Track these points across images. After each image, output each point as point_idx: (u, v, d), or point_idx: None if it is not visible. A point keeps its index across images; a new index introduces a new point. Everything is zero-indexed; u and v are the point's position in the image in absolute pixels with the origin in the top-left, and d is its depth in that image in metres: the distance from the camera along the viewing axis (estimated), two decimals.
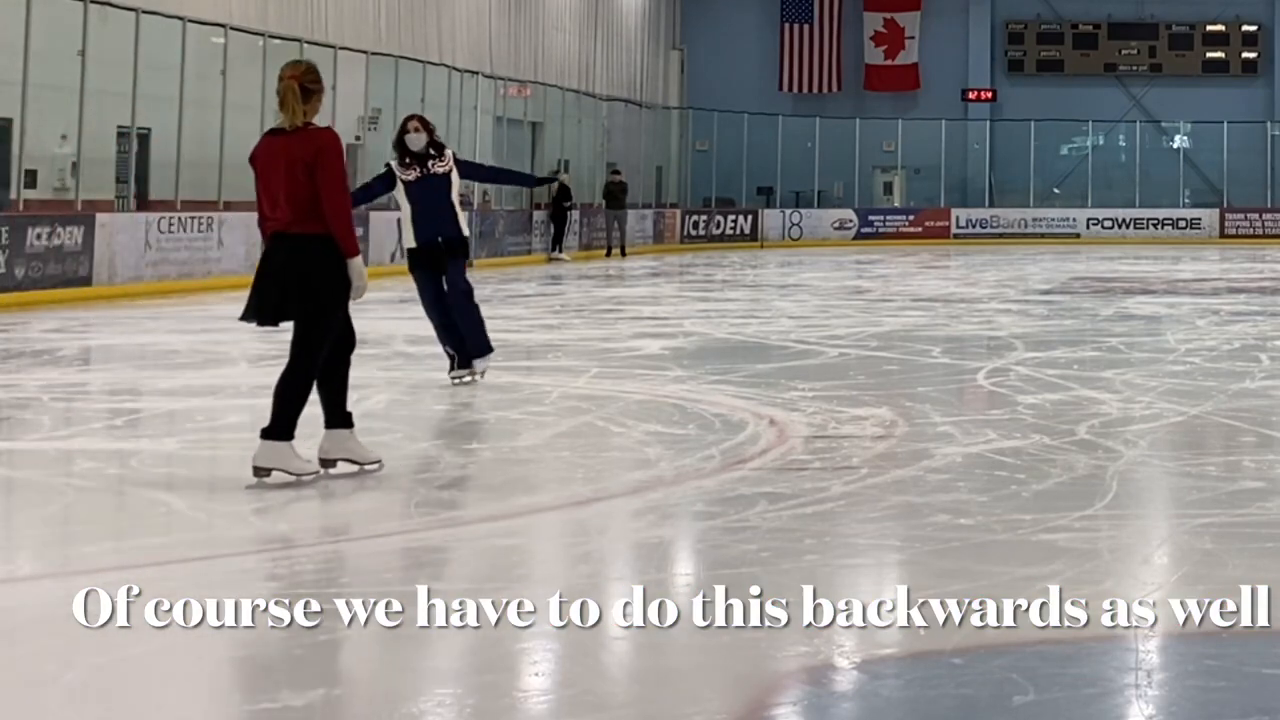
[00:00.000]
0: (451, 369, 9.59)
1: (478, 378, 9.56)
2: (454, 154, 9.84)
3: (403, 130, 9.57)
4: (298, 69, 6.86)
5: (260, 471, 6.27)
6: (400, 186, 9.55)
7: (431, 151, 9.52)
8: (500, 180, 14.35)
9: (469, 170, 10.41)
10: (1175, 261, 28.48)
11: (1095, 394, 9.27)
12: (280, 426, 6.29)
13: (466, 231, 9.84)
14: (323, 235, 6.32)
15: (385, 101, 24.51)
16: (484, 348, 9.67)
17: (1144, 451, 7.35)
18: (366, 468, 6.54)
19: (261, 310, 6.49)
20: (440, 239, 9.54)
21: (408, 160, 9.50)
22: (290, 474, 6.29)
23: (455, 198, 9.63)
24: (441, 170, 9.54)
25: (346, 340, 6.59)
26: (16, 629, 4.36)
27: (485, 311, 9.96)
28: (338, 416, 6.54)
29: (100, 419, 8.47)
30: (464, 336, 9.56)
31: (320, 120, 6.86)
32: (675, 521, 5.89)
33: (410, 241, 9.63)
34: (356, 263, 6.36)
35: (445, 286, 9.61)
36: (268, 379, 9.88)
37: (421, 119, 9.71)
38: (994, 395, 9.38)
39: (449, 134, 26.03)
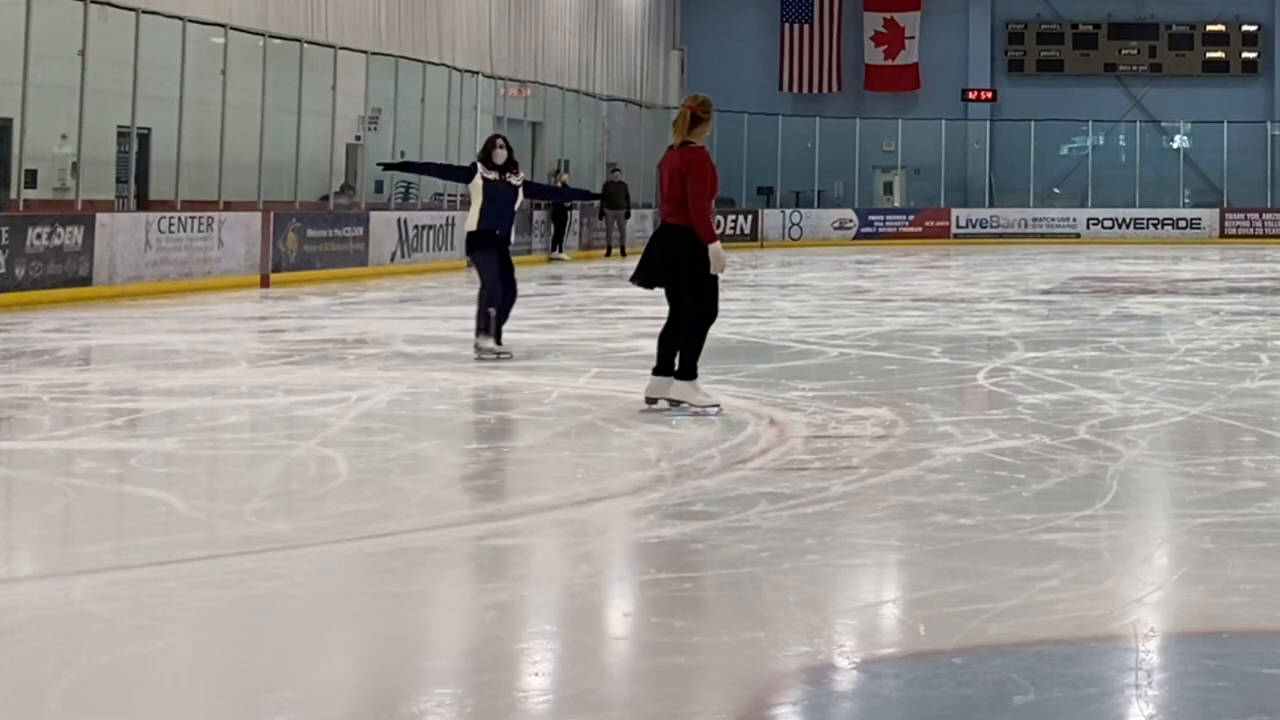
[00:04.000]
0: (482, 334, 11.19)
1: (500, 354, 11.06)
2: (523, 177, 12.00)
3: (490, 145, 11.88)
4: (695, 100, 8.61)
5: (660, 401, 8.28)
6: (480, 182, 11.61)
7: (509, 167, 11.75)
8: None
9: (533, 190, 12.56)
10: (1175, 261, 28.48)
11: (1095, 394, 9.27)
12: (687, 368, 8.31)
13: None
14: (686, 226, 8.25)
15: (385, 101, 24.51)
16: (500, 335, 11.34)
17: (1144, 451, 7.35)
18: (706, 412, 8.20)
19: (640, 277, 8.61)
20: (498, 231, 11.68)
21: (490, 165, 11.65)
22: (694, 406, 8.24)
23: (516, 207, 11.82)
24: (515, 183, 11.81)
25: (710, 312, 8.36)
26: (16, 629, 4.36)
27: None
28: (669, 366, 8.37)
29: (100, 419, 8.47)
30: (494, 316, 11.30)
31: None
32: (675, 521, 5.89)
33: (473, 225, 11.63)
34: (714, 247, 8.26)
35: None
36: (268, 379, 9.92)
37: (505, 138, 12.13)
38: (994, 395, 9.38)
39: (449, 134, 26.06)
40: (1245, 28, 40.48)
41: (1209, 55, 40.64)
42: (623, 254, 29.91)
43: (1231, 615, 4.56)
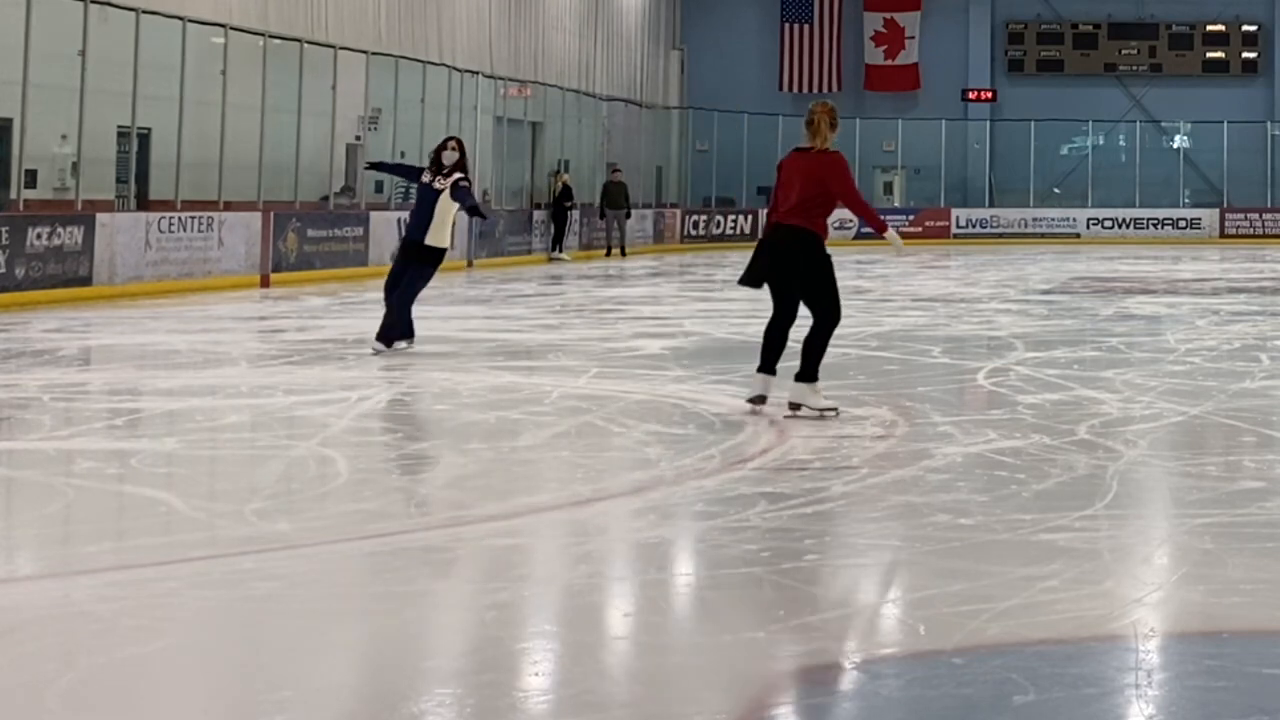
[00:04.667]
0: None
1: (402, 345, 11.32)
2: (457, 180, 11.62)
3: (441, 146, 11.70)
4: (828, 107, 8.44)
5: (793, 406, 8.25)
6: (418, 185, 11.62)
7: (448, 170, 11.51)
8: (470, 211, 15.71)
9: (459, 195, 11.71)
10: (1175, 261, 28.48)
11: (1095, 394, 9.27)
12: (808, 371, 8.25)
13: (442, 242, 11.59)
14: (808, 229, 8.23)
15: (385, 101, 24.50)
16: (388, 338, 11.29)
17: (1144, 451, 7.35)
18: (825, 415, 8.17)
19: (752, 277, 8.51)
20: (411, 240, 11.55)
21: (433, 167, 11.56)
22: (814, 409, 8.17)
23: (440, 210, 11.46)
24: (439, 186, 11.49)
25: (837, 312, 8.35)
26: (16, 629, 4.36)
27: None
28: (773, 365, 8.39)
29: (100, 419, 8.46)
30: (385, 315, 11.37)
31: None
32: (675, 521, 5.88)
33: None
34: (891, 233, 8.64)
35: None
36: (268, 379, 9.92)
37: (460, 141, 11.90)
38: (994, 395, 9.38)
39: (449, 134, 26.03)
40: (1245, 28, 40.47)
41: (1209, 55, 40.63)
42: (623, 254, 29.91)
43: (1231, 615, 4.56)
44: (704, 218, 36.27)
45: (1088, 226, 38.89)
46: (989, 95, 40.53)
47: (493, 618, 4.50)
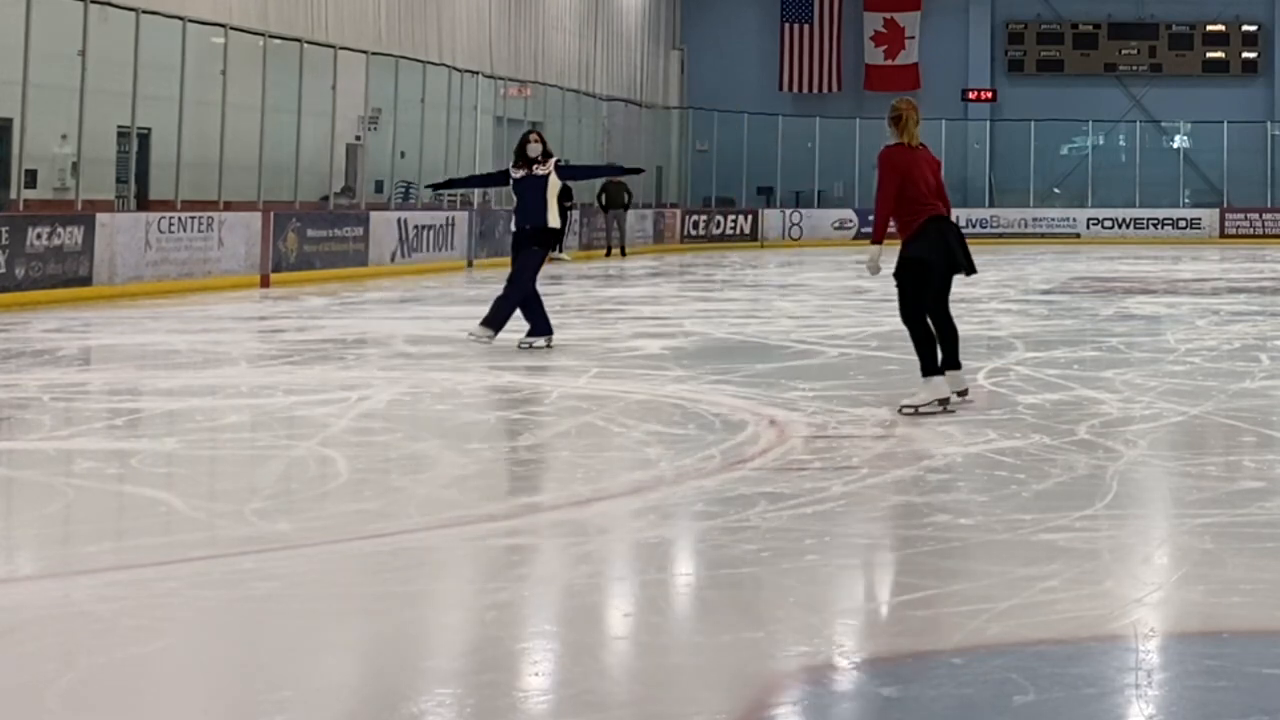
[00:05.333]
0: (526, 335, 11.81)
1: (487, 335, 11.74)
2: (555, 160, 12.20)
3: (523, 141, 12.06)
4: (914, 103, 8.63)
5: (967, 393, 8.60)
6: (510, 184, 12.00)
7: (539, 158, 11.90)
8: (601, 174, 16.32)
9: (567, 172, 12.73)
10: (1175, 261, 28.48)
11: (1095, 394, 9.27)
12: (928, 365, 8.38)
13: (555, 223, 12.08)
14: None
15: (385, 101, 24.51)
16: (494, 324, 11.84)
17: (1144, 451, 7.35)
18: (965, 399, 8.54)
19: (969, 264, 8.67)
20: (528, 226, 11.88)
21: (520, 162, 11.91)
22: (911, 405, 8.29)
23: (550, 195, 11.92)
24: (542, 172, 11.88)
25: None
26: (16, 629, 4.36)
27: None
28: (952, 360, 8.60)
29: (100, 419, 8.46)
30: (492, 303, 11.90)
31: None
32: (675, 521, 5.88)
33: (514, 226, 12.04)
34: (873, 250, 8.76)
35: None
36: (268, 379, 9.92)
37: (539, 133, 12.38)
38: (994, 395, 9.37)
39: (449, 134, 26.06)
40: (1245, 28, 40.49)
41: (1209, 55, 40.64)
42: (623, 254, 29.91)
43: (1231, 615, 4.56)
44: (704, 218, 36.26)
45: (1088, 226, 38.90)
46: (989, 95, 40.55)
47: (493, 618, 4.50)
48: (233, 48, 20.45)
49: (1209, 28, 40.53)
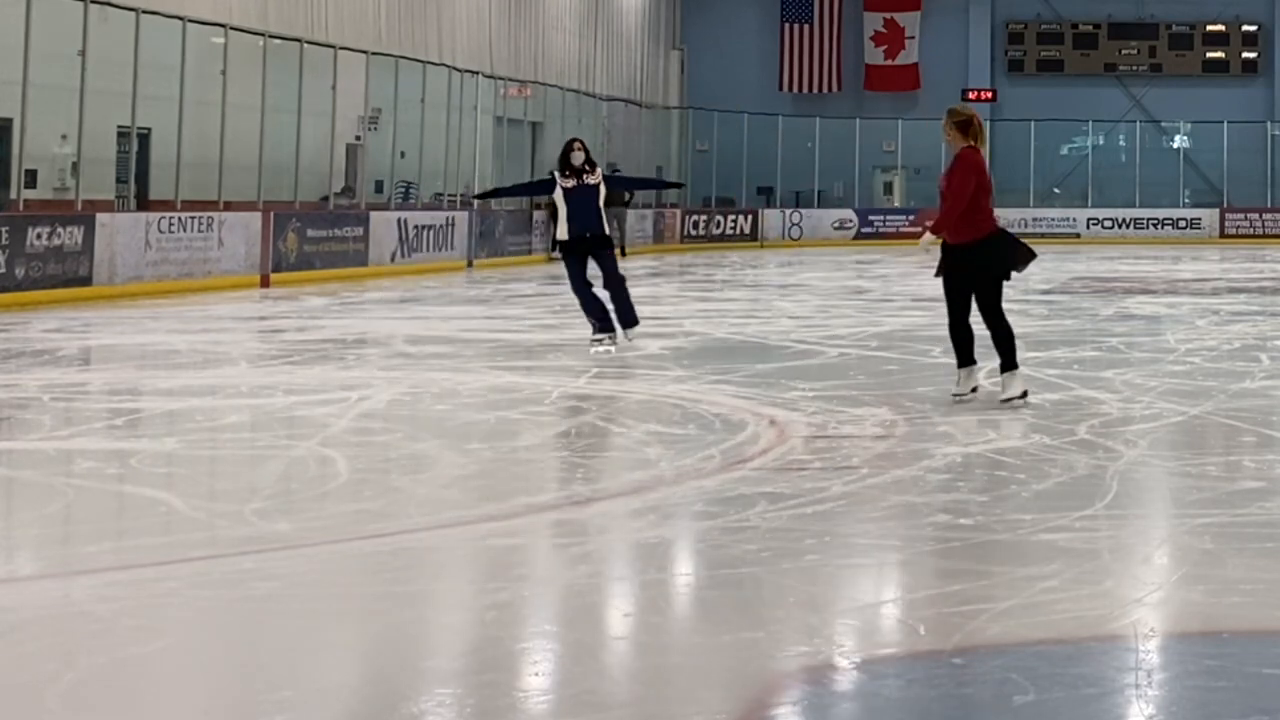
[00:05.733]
0: (593, 334, 11.88)
1: (611, 348, 11.72)
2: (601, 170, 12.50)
3: (567, 149, 12.27)
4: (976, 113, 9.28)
5: (1022, 396, 8.81)
6: (560, 192, 12.03)
7: (586, 167, 12.11)
8: (647, 187, 16.40)
9: (615, 182, 13.10)
10: (1175, 261, 28.48)
11: (1095, 394, 9.27)
12: (1009, 360, 8.86)
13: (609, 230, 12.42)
14: None
15: (385, 101, 24.51)
16: (632, 321, 12.16)
17: (1144, 451, 7.35)
18: (1028, 399, 8.85)
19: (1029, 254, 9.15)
20: (588, 234, 11.99)
21: (567, 171, 12.05)
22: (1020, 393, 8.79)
23: (601, 204, 12.16)
24: (593, 181, 12.10)
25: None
26: (16, 629, 4.36)
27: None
28: (1007, 358, 8.91)
29: (100, 419, 8.46)
30: (614, 310, 12.07)
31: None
32: (675, 521, 5.88)
33: (563, 235, 12.07)
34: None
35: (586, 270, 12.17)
36: (268, 379, 9.92)
37: (582, 141, 12.60)
38: (994, 395, 9.37)
39: (449, 134, 26.05)
40: (1245, 28, 40.48)
41: (1209, 55, 40.64)
42: (623, 254, 29.87)
43: (1231, 615, 4.56)
44: (704, 218, 36.26)
45: (1088, 226, 38.90)
46: (989, 95, 40.53)
47: (493, 618, 4.50)
48: (233, 48, 20.45)
49: (1209, 28, 40.53)
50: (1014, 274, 9.19)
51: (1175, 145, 40.41)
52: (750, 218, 36.91)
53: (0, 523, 6.18)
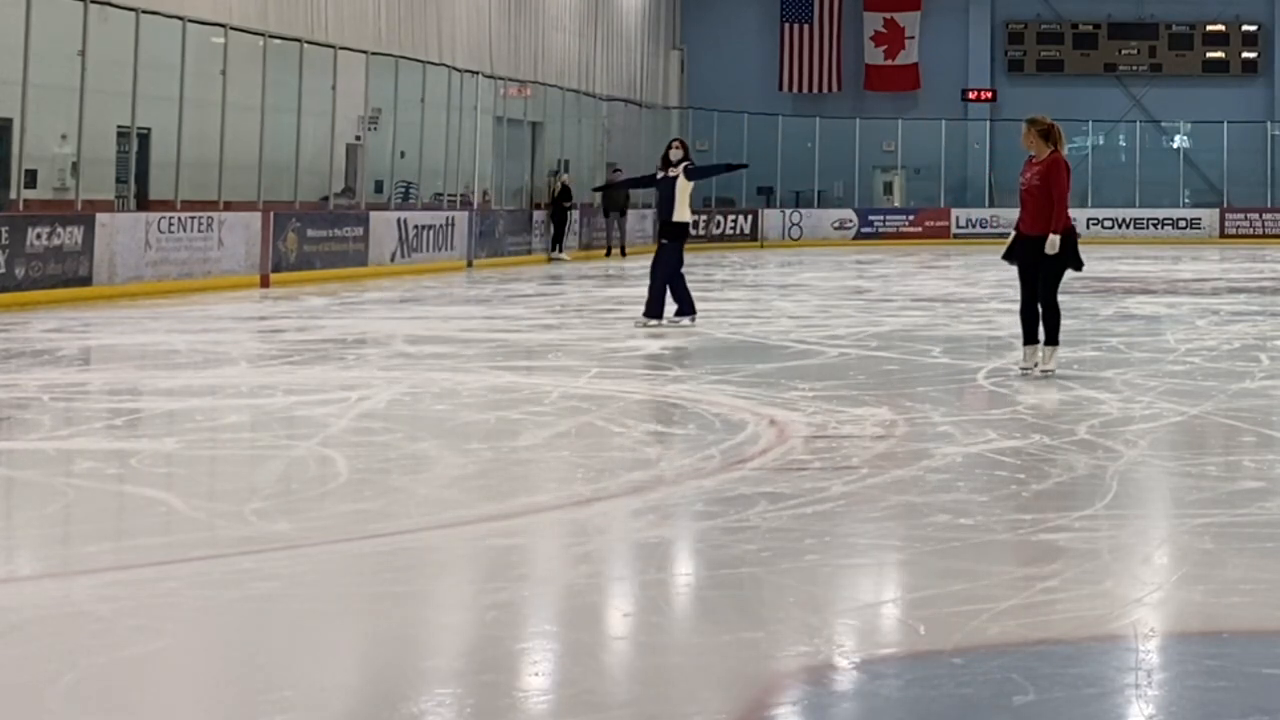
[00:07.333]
0: (676, 315, 13.75)
1: (652, 323, 13.50)
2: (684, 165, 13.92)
3: (667, 148, 14.00)
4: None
5: (1047, 372, 10.06)
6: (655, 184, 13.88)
7: (675, 162, 13.69)
8: (718, 172, 18.54)
9: (693, 172, 14.15)
10: (1175, 261, 28.48)
11: (1095, 394, 9.27)
12: (1054, 337, 10.20)
13: (684, 218, 13.79)
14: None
15: (385, 101, 24.50)
16: (657, 310, 13.65)
17: (1144, 451, 7.35)
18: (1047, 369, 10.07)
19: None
20: (660, 222, 13.88)
21: (663, 164, 13.73)
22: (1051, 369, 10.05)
23: (680, 195, 13.60)
24: (673, 174, 13.64)
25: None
26: (16, 629, 4.36)
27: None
28: (1052, 335, 10.21)
29: (100, 419, 8.46)
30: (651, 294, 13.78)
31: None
32: (675, 521, 5.89)
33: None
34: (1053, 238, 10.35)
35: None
36: (268, 379, 9.92)
37: (682, 140, 14.60)
38: (994, 395, 9.38)
39: (449, 134, 26.05)
40: (1245, 28, 40.48)
41: (1209, 55, 40.63)
42: (623, 254, 29.90)
43: (1231, 615, 4.56)
44: (704, 218, 36.25)
45: (1088, 226, 38.85)
46: (989, 95, 40.53)
47: (493, 618, 4.50)
48: (233, 48, 20.44)
49: (1209, 28, 40.52)
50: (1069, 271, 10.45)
51: (1175, 145, 40.40)
52: (750, 218, 36.91)
53: (0, 523, 6.18)
